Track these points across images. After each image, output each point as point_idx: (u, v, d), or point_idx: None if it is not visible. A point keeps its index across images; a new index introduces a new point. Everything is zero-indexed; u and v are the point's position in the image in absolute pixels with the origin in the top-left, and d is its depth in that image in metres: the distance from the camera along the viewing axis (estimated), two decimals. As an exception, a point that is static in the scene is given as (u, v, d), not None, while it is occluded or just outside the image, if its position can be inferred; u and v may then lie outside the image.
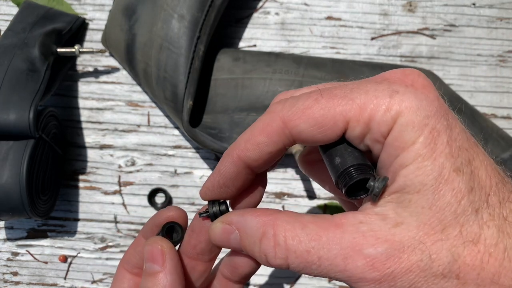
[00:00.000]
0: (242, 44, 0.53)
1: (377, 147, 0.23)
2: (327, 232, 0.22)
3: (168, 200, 0.51)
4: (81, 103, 0.53)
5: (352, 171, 0.23)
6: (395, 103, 0.21)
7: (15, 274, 0.51)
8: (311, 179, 0.51)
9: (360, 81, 0.24)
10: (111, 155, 0.52)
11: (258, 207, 0.28)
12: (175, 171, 0.52)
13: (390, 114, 0.21)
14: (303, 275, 0.50)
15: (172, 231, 0.29)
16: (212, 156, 0.52)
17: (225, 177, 0.26)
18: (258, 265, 0.28)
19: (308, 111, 0.23)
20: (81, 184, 0.52)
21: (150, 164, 0.52)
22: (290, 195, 0.51)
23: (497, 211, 0.22)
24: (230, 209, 0.28)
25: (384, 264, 0.21)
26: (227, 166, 0.25)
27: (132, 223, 0.51)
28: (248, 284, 0.50)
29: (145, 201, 0.51)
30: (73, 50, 0.49)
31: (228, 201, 0.27)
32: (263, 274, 0.50)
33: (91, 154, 0.52)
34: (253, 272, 0.28)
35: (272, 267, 0.24)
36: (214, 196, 0.27)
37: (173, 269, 0.27)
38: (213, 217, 0.27)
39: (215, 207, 0.27)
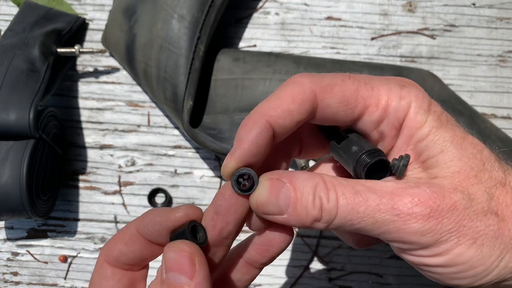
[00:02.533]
0: (242, 44, 0.53)
1: (392, 134, 0.26)
2: (371, 181, 0.24)
3: (168, 200, 0.51)
4: (81, 103, 0.53)
5: (369, 155, 0.25)
6: (406, 93, 0.25)
7: (15, 274, 0.51)
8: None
9: (372, 76, 0.27)
10: (111, 155, 0.52)
11: None
12: (175, 171, 0.52)
13: (406, 101, 0.25)
14: (303, 275, 0.50)
15: (195, 232, 0.25)
16: (212, 156, 0.52)
17: (258, 145, 0.25)
18: (291, 238, 0.28)
19: (337, 88, 0.25)
20: (81, 184, 0.52)
21: (150, 164, 0.52)
22: (290, 195, 0.51)
23: (506, 167, 0.25)
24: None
25: (430, 199, 0.23)
26: (260, 133, 0.24)
27: (132, 223, 0.51)
28: (248, 284, 0.51)
29: (145, 201, 0.51)
30: (73, 50, 0.49)
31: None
32: (263, 274, 0.50)
33: (91, 154, 0.52)
34: (284, 248, 0.28)
35: (319, 218, 0.24)
36: (245, 164, 0.25)
37: (204, 280, 0.24)
38: (253, 183, 0.25)
39: (251, 174, 0.25)
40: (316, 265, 0.50)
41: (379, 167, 0.25)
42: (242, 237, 0.50)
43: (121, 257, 0.27)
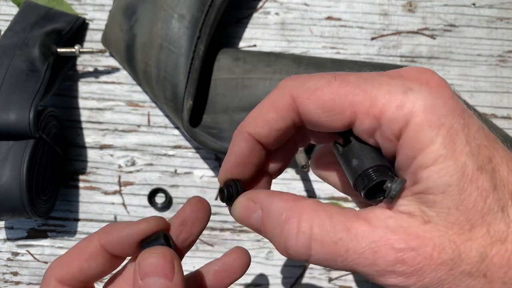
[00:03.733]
0: (242, 44, 0.53)
1: (387, 146, 0.22)
2: (355, 224, 0.22)
3: (168, 200, 0.51)
4: (81, 103, 0.53)
5: (370, 173, 0.22)
6: (408, 101, 0.21)
7: (15, 274, 0.51)
8: (323, 181, 0.51)
9: (375, 73, 0.23)
10: (111, 155, 0.52)
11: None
12: (175, 171, 0.52)
13: (402, 112, 0.21)
14: (303, 275, 0.50)
15: (168, 240, 0.26)
16: (212, 156, 0.52)
17: (240, 155, 0.25)
18: (249, 262, 0.29)
19: (318, 92, 0.22)
20: (81, 184, 0.52)
21: (150, 164, 0.52)
22: (290, 195, 0.51)
23: None
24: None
25: (414, 259, 0.21)
26: (240, 144, 0.25)
27: (132, 223, 0.51)
28: (248, 284, 0.51)
29: (145, 201, 0.51)
30: (73, 50, 0.49)
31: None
32: (263, 274, 0.50)
33: (91, 154, 0.52)
34: (243, 272, 0.29)
35: (288, 256, 0.23)
36: (233, 176, 0.26)
37: (181, 281, 0.24)
38: (231, 197, 0.26)
39: (233, 187, 0.26)
40: (316, 265, 0.50)
41: (383, 185, 0.23)
42: (242, 236, 0.50)
43: (80, 275, 0.26)
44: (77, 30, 0.52)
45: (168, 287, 0.24)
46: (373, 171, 0.22)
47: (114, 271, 0.28)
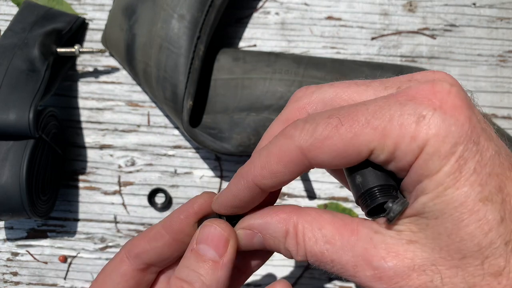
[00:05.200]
0: (242, 44, 0.53)
1: (401, 174, 0.22)
2: (342, 236, 0.23)
3: (168, 200, 0.51)
4: (81, 103, 0.53)
5: (373, 192, 0.22)
6: (421, 131, 0.20)
7: (15, 274, 0.51)
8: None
9: (384, 101, 0.22)
10: (111, 155, 0.52)
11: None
12: (175, 171, 0.52)
13: (416, 143, 0.20)
14: (303, 275, 0.50)
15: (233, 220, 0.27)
16: (212, 156, 0.52)
17: (239, 200, 0.25)
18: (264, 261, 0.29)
19: (328, 142, 0.22)
20: (81, 184, 0.52)
21: (150, 164, 0.52)
22: (290, 195, 0.51)
23: None
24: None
25: (392, 279, 0.21)
26: (241, 190, 0.25)
27: (132, 223, 0.51)
28: (248, 284, 0.50)
29: (145, 201, 0.51)
30: (73, 50, 0.49)
31: None
32: (263, 274, 0.50)
33: (91, 154, 0.52)
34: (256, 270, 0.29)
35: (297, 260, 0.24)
36: (227, 213, 0.26)
37: (230, 263, 0.25)
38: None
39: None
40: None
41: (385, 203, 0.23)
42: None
43: (142, 254, 0.28)
44: (77, 30, 0.52)
45: (216, 261, 0.25)
46: (377, 190, 0.22)
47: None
